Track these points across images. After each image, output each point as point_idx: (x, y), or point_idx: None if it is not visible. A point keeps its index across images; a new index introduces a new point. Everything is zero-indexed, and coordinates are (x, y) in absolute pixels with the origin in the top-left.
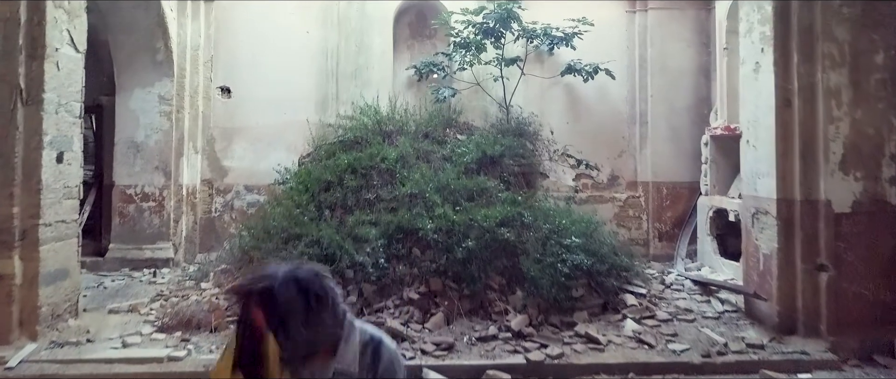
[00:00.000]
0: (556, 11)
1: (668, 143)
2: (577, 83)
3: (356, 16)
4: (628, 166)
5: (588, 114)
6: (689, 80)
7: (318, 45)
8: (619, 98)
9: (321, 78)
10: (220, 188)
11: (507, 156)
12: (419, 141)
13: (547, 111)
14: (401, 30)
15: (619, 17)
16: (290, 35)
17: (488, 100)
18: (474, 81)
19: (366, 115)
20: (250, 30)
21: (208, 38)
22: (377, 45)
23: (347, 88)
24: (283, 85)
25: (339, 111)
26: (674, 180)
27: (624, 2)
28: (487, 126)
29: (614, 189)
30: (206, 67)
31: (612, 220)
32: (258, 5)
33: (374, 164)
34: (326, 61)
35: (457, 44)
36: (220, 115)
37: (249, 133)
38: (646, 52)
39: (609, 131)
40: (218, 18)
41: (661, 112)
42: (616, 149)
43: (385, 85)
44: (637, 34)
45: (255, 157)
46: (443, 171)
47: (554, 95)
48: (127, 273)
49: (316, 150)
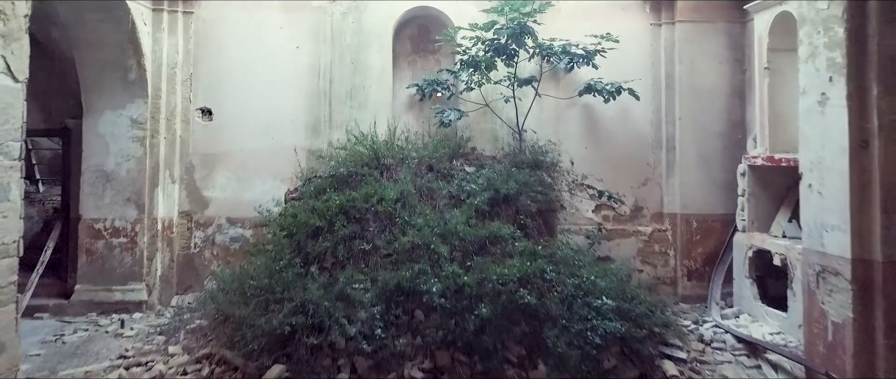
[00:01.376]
0: (573, 25)
1: (697, 170)
2: (596, 104)
3: (352, 30)
4: (654, 196)
5: (609, 138)
6: (722, 101)
7: (310, 63)
8: (644, 120)
9: (313, 99)
10: (201, 221)
11: (524, 194)
12: (422, 175)
13: (563, 135)
14: (401, 44)
15: (643, 30)
16: (279, 51)
17: (498, 122)
18: (483, 103)
19: (361, 144)
20: (234, 45)
21: (187, 55)
22: (375, 62)
23: (342, 111)
24: (270, 107)
25: (333, 136)
26: (705, 212)
27: (648, 14)
28: (497, 151)
29: (638, 221)
30: (184, 87)
31: (636, 256)
32: (243, 18)
33: (369, 205)
34: (319, 80)
35: (464, 62)
36: (201, 140)
37: (233, 160)
38: (673, 69)
39: (632, 157)
40: (198, 32)
41: (690, 136)
42: (640, 177)
43: (384, 106)
44: (663, 50)
45: (239, 187)
46: (449, 214)
47: (571, 117)
48: (94, 319)
49: (305, 184)
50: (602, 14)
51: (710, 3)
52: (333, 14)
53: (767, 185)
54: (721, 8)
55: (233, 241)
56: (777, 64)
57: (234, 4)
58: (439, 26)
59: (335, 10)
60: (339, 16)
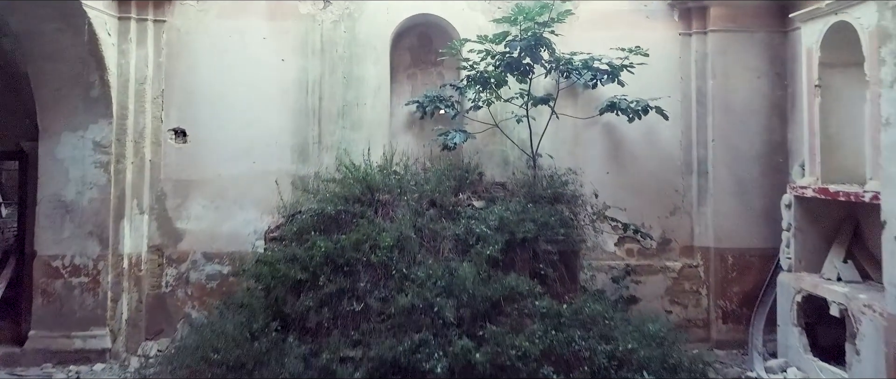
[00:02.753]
0: (593, 35)
1: (733, 198)
2: (619, 123)
3: (344, 40)
4: (683, 227)
5: (633, 161)
6: (760, 120)
7: (297, 77)
8: (672, 142)
9: (300, 118)
10: (173, 257)
11: (542, 236)
12: (423, 212)
13: (581, 158)
14: (400, 56)
15: (671, 41)
16: (262, 64)
17: (508, 144)
18: (492, 123)
19: (353, 176)
20: (212, 57)
21: (158, 68)
22: (371, 76)
23: (332, 131)
24: (252, 127)
25: (323, 160)
26: (741, 246)
27: (676, 22)
28: (508, 176)
29: (666, 256)
30: (154, 105)
31: (664, 295)
32: (222, 27)
33: (361, 254)
34: (307, 97)
35: (471, 79)
36: (174, 165)
37: (210, 187)
38: (704, 84)
39: (659, 183)
40: (171, 43)
41: (725, 160)
42: (667, 205)
43: (380, 126)
44: (694, 62)
45: (216, 218)
46: (456, 263)
47: (590, 139)
48: (49, 372)
49: (288, 221)
50: (625, 23)
51: (746, 11)
52: (324, 22)
53: (817, 219)
54: (759, 16)
55: (209, 278)
56: (829, 81)
57: (211, 12)
58: (442, 36)
59: (325, 17)
60: (330, 24)
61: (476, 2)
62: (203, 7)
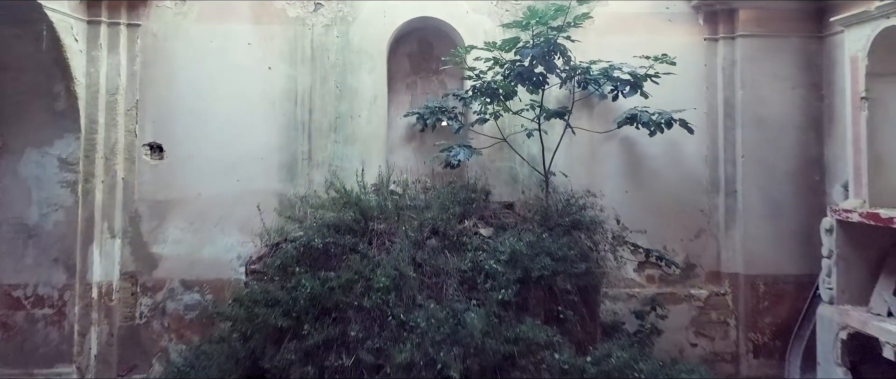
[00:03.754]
0: (610, 40)
1: (764, 220)
2: (638, 137)
3: (337, 46)
4: (709, 251)
5: (654, 179)
6: (794, 134)
7: (285, 87)
8: (696, 158)
9: (288, 132)
10: (148, 285)
11: (560, 274)
12: (423, 242)
13: (598, 176)
14: (398, 63)
15: (695, 47)
16: (247, 72)
17: (517, 159)
18: (499, 136)
19: (344, 197)
20: (191, 65)
21: (132, 77)
22: (366, 85)
23: (324, 146)
24: (235, 142)
25: (313, 178)
26: (774, 272)
27: (701, 26)
28: (518, 195)
29: (690, 283)
30: (128, 118)
31: (689, 326)
32: (203, 32)
33: (352, 298)
34: (296, 109)
35: (477, 90)
36: (149, 184)
37: (189, 208)
38: (733, 95)
39: (682, 203)
40: (146, 50)
41: (755, 178)
42: (692, 227)
43: (376, 140)
44: (720, 70)
45: (196, 241)
46: (462, 305)
47: (607, 154)
48: None
49: (272, 252)
50: (645, 26)
51: (779, 14)
52: (314, 27)
53: (863, 246)
54: (793, 19)
55: (188, 309)
56: (878, 92)
57: (191, 15)
58: (444, 41)
59: (316, 21)
60: (322, 29)
61: (482, 2)
62: (181, 10)
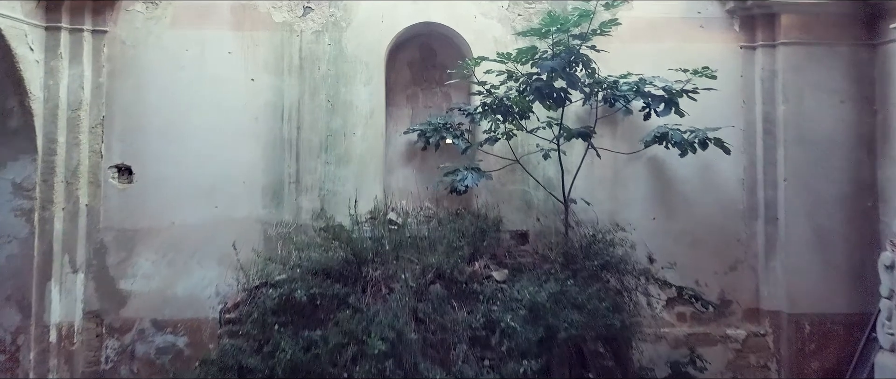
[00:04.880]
0: (635, 48)
1: (810, 251)
2: (668, 157)
3: (329, 55)
4: (747, 286)
5: (685, 205)
6: (843, 154)
7: (270, 101)
8: (732, 180)
9: (274, 151)
10: (115, 325)
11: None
12: (426, 289)
13: (622, 200)
14: (397, 72)
15: (731, 56)
16: (227, 84)
17: (532, 183)
18: (511, 157)
19: (334, 236)
20: (165, 77)
21: (97, 90)
22: (361, 98)
23: (314, 167)
24: (214, 163)
25: (302, 204)
26: (821, 311)
27: (737, 33)
28: (532, 223)
29: (726, 321)
30: (92, 136)
31: (725, 370)
32: (178, 39)
33: (342, 364)
34: (282, 125)
35: (488, 107)
36: (116, 211)
37: (162, 238)
38: (773, 110)
39: (717, 232)
40: (114, 59)
41: (800, 203)
42: (727, 258)
43: (373, 161)
44: (759, 82)
45: (170, 276)
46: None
47: (632, 176)
48: None
49: (250, 298)
50: (675, 33)
51: (825, 20)
52: (303, 33)
53: None
54: (841, 25)
55: (160, 353)
56: None
57: (164, 20)
58: (449, 48)
59: (305, 27)
60: (312, 36)
61: (491, 5)
62: (153, 14)
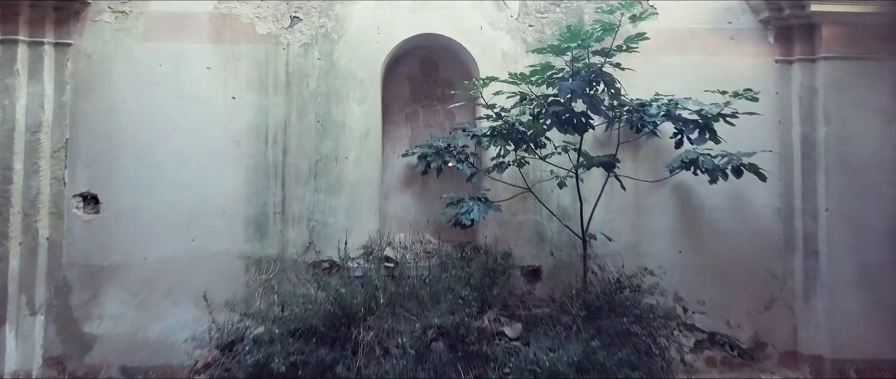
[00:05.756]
0: (660, 62)
1: (856, 290)
2: (695, 183)
3: (319, 70)
4: (783, 327)
5: (714, 236)
6: (893, 182)
7: (253, 122)
8: (767, 210)
9: (257, 178)
10: (79, 373)
11: None
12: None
13: (645, 231)
14: (395, 88)
15: (765, 71)
16: (205, 103)
17: (544, 213)
18: (522, 185)
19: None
20: (136, 94)
21: (60, 110)
22: (355, 118)
23: (302, 196)
24: (191, 190)
25: (288, 236)
26: (870, 356)
27: (772, 45)
28: (544, 258)
29: (760, 366)
30: (54, 162)
31: None
32: (150, 53)
33: None
34: (266, 149)
35: (497, 132)
36: (81, 245)
37: (132, 275)
38: (812, 131)
39: (749, 266)
40: (79, 75)
41: (843, 236)
42: (762, 296)
43: (368, 188)
44: (797, 100)
45: (141, 318)
46: None
47: (656, 205)
48: None
49: (224, 356)
50: (702, 46)
51: (871, 31)
52: (290, 46)
53: None
54: (890, 38)
55: None
56: None
57: (135, 32)
58: (453, 61)
59: (293, 39)
60: (299, 49)
61: (499, 14)
62: (123, 25)
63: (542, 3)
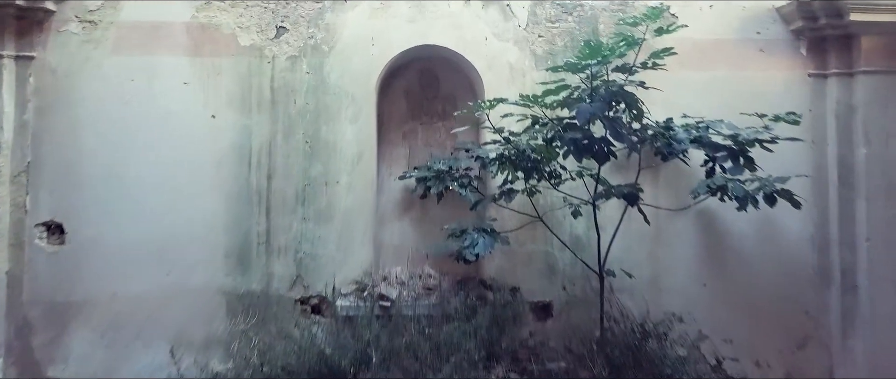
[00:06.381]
0: (683, 76)
1: None
2: (720, 210)
3: (307, 85)
4: (819, 367)
5: (741, 267)
6: None
7: (235, 142)
8: (800, 239)
9: (239, 205)
10: None
11: None
12: None
13: (665, 261)
14: (392, 104)
15: (796, 85)
16: (182, 122)
17: (555, 243)
18: (532, 213)
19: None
20: (105, 112)
21: (21, 131)
22: (347, 139)
23: (288, 224)
24: (165, 219)
25: (273, 269)
26: None
27: (804, 58)
28: (556, 293)
29: None
30: (15, 187)
31: None
32: (121, 65)
33: None
34: (249, 173)
35: (506, 159)
36: (45, 280)
37: (101, 312)
38: (850, 153)
39: (781, 301)
40: (43, 91)
41: (885, 269)
42: (794, 333)
43: (361, 215)
44: (833, 118)
45: (110, 360)
46: None
47: (678, 233)
48: None
49: None
50: (728, 58)
51: None
52: (276, 59)
53: None
54: None
55: None
56: None
57: (105, 43)
58: (455, 74)
59: (279, 52)
60: (286, 62)
61: (506, 24)
62: (92, 37)
63: (552, 11)
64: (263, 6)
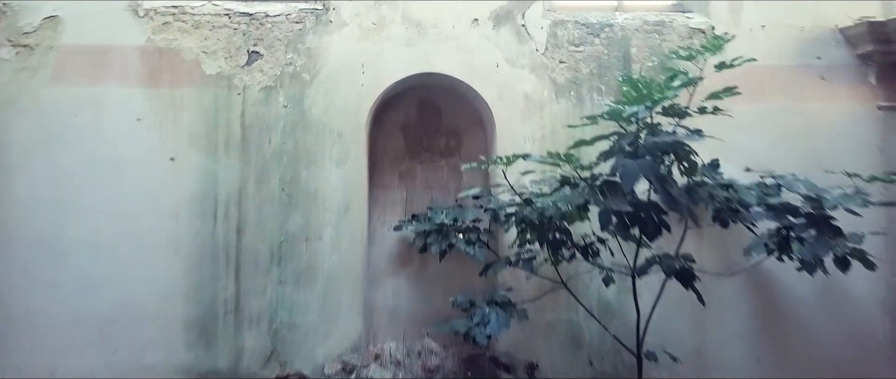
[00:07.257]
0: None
1: None
2: (776, 270)
3: (285, 121)
4: None
5: (800, 337)
6: None
7: (198, 192)
8: (869, 303)
9: (202, 267)
10: None
11: None
12: None
13: (712, 333)
14: (386, 139)
15: (863, 119)
16: (135, 168)
17: (581, 311)
18: (555, 278)
19: None
20: (42, 156)
21: None
22: (332, 185)
23: (261, 289)
24: (112, 286)
25: (243, 343)
26: None
27: (874, 87)
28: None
29: None
30: None
31: None
32: (62, 97)
33: None
34: (215, 228)
35: (525, 222)
36: None
37: None
38: None
39: (847, 375)
40: None
41: None
42: None
43: (349, 277)
44: None
45: None
46: None
47: (726, 299)
48: None
49: None
50: (784, 87)
51: None
52: (247, 91)
53: None
54: None
55: None
56: None
57: (43, 72)
58: (459, 105)
59: (251, 81)
60: (260, 94)
61: (521, 47)
62: (27, 63)
63: (576, 32)
64: (233, 27)
